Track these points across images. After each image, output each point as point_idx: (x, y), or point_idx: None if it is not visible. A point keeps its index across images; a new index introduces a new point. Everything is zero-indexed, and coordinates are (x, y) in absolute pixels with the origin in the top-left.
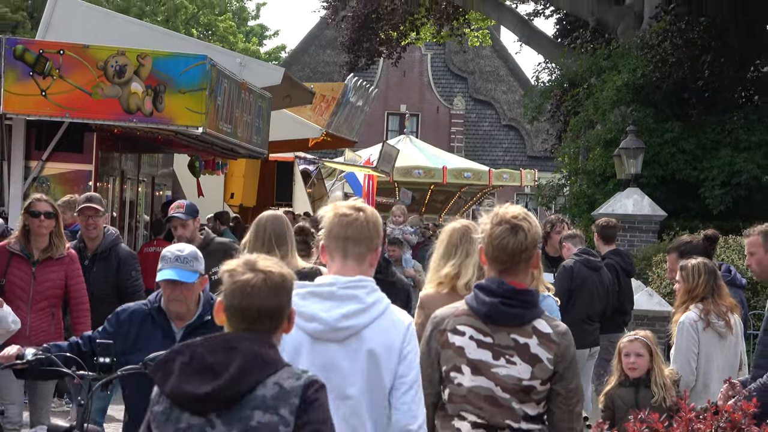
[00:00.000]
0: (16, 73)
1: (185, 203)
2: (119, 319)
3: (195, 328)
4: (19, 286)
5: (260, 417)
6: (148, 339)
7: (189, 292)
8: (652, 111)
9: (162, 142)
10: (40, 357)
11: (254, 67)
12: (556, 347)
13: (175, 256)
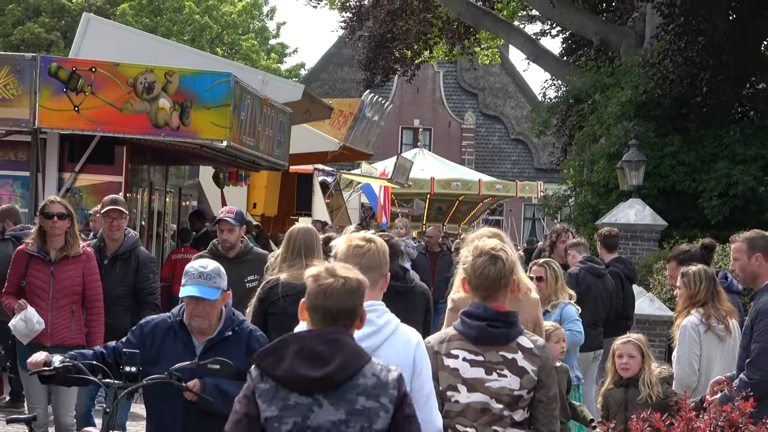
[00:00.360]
0: (50, 90)
1: (235, 210)
2: (143, 331)
3: (216, 343)
4: (38, 286)
5: (364, 402)
6: (169, 352)
7: (211, 308)
8: (653, 126)
9: (188, 155)
10: (66, 364)
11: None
12: (539, 360)
13: (198, 273)
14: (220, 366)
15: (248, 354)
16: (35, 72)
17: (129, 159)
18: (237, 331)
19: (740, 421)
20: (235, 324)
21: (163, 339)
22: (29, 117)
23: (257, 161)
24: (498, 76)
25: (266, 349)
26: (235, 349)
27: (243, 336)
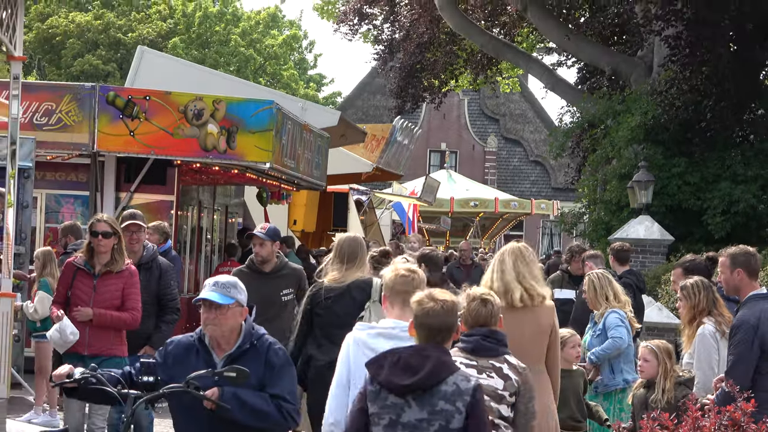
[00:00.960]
0: (108, 116)
1: (269, 226)
2: (167, 349)
3: (235, 358)
4: (81, 297)
5: (443, 405)
6: (190, 368)
7: (223, 316)
8: (661, 149)
9: (234, 176)
10: (87, 376)
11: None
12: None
13: (214, 282)
14: (237, 374)
15: (267, 367)
16: (94, 100)
17: (180, 180)
18: (256, 345)
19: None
20: (254, 338)
21: (185, 356)
22: (89, 141)
23: (297, 181)
24: (518, 103)
25: (373, 358)
26: (254, 362)
27: (262, 349)
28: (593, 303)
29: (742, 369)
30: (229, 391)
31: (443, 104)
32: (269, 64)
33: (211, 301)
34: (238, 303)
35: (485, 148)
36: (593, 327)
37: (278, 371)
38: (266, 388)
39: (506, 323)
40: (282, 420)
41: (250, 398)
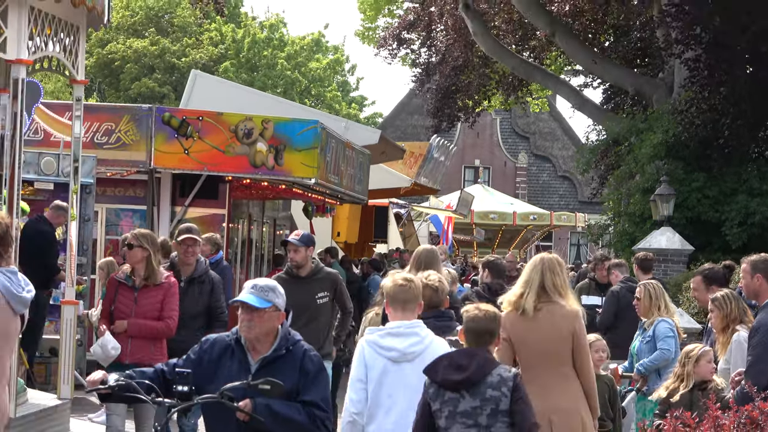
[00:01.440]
0: (164, 136)
1: (302, 233)
2: (202, 347)
3: (269, 362)
4: (122, 310)
5: (491, 393)
6: (225, 369)
7: (260, 319)
8: (682, 164)
9: (282, 191)
10: (121, 383)
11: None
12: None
13: (252, 285)
14: (271, 386)
15: (302, 373)
16: (151, 120)
17: (231, 194)
18: (291, 351)
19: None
20: (290, 343)
21: (220, 356)
22: (146, 159)
23: (341, 196)
24: (547, 122)
25: (430, 364)
26: (289, 368)
27: (297, 355)
28: (646, 311)
29: (760, 369)
30: (261, 402)
31: (477, 123)
32: (314, 86)
33: (248, 303)
34: (275, 307)
35: (516, 164)
36: (642, 334)
37: (313, 378)
38: (300, 395)
39: (528, 329)
40: (314, 429)
41: (283, 409)
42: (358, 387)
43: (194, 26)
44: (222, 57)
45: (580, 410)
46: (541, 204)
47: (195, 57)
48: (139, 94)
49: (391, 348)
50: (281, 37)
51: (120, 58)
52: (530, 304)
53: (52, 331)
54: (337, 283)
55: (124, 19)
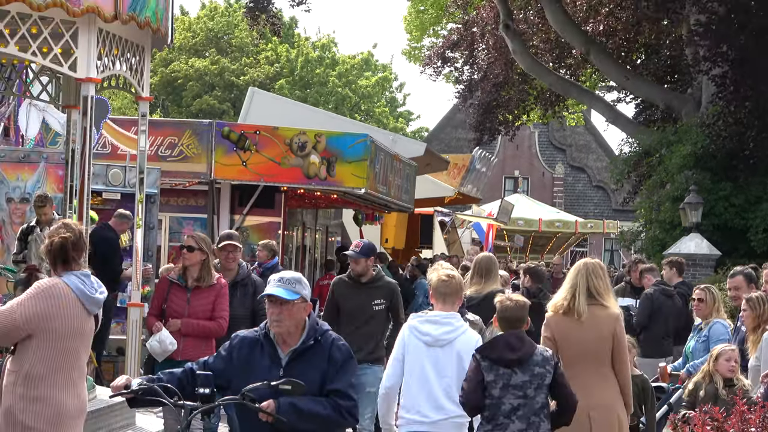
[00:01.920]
0: (223, 149)
1: (363, 243)
2: (231, 344)
3: (300, 353)
4: (176, 310)
5: (538, 369)
6: (256, 363)
7: (288, 312)
8: (709, 174)
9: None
10: (143, 387)
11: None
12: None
13: (279, 278)
14: (292, 386)
15: (330, 363)
16: (211, 135)
17: (286, 203)
18: (320, 341)
19: None
20: (318, 333)
21: (250, 351)
22: (207, 170)
23: (389, 205)
24: (582, 135)
25: (485, 344)
26: (318, 357)
27: (326, 345)
28: (707, 313)
29: None
30: (285, 401)
31: (516, 136)
32: (363, 102)
33: (277, 296)
34: (303, 298)
35: (553, 174)
36: (698, 334)
37: (340, 366)
38: (327, 384)
39: (573, 330)
40: (341, 420)
41: (308, 405)
42: (394, 364)
43: (251, 47)
44: (277, 75)
45: (616, 407)
46: (576, 212)
47: (252, 75)
48: (200, 110)
49: (426, 333)
50: (332, 56)
51: (182, 76)
52: (583, 307)
53: (119, 331)
54: (395, 293)
55: (186, 40)
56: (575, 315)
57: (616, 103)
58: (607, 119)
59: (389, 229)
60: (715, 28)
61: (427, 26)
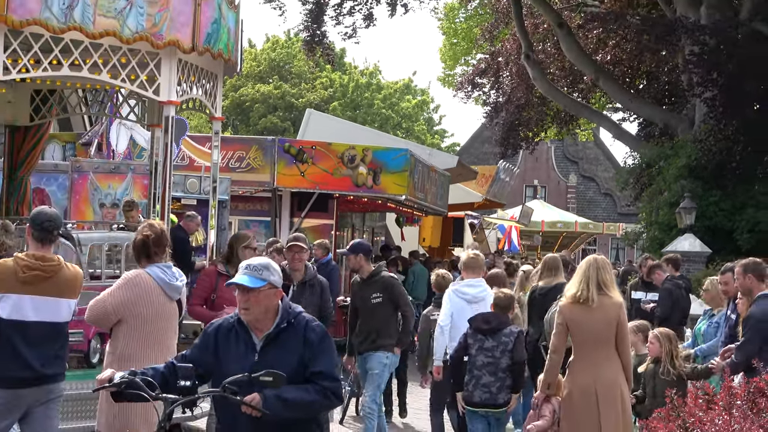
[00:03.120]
0: (284, 161)
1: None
2: (207, 333)
3: (273, 338)
4: (227, 299)
5: (504, 339)
6: (231, 350)
7: (256, 299)
8: (701, 183)
9: (378, 205)
10: (125, 380)
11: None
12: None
13: (246, 265)
14: (273, 378)
15: (306, 345)
16: (274, 149)
17: (338, 208)
18: (293, 323)
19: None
20: (291, 316)
21: (225, 339)
22: (270, 180)
23: (425, 209)
24: (592, 149)
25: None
26: (293, 340)
27: (299, 327)
28: (716, 302)
29: (748, 348)
30: (270, 394)
31: (535, 150)
32: (404, 122)
33: (242, 285)
34: (270, 284)
35: (567, 183)
36: (709, 319)
37: (318, 348)
38: (309, 367)
39: (585, 316)
40: (327, 402)
41: (293, 394)
42: (447, 314)
43: (308, 74)
44: (331, 98)
45: (620, 383)
46: (587, 216)
47: (309, 98)
48: (264, 129)
49: (466, 293)
50: (378, 82)
51: (249, 99)
52: (594, 295)
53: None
54: (391, 286)
55: (252, 69)
56: (588, 303)
57: (621, 122)
58: (613, 136)
59: (426, 230)
60: (706, 57)
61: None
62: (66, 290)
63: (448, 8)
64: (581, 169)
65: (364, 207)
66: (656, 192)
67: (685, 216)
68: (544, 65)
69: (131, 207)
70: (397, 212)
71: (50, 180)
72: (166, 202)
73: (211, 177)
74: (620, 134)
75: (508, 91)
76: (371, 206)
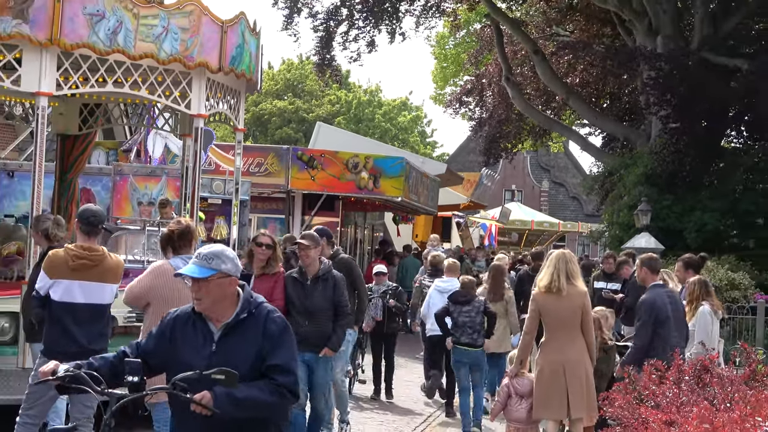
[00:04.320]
0: (297, 167)
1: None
2: (164, 322)
3: (232, 327)
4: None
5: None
6: (188, 340)
7: (207, 289)
8: (656, 189)
9: (378, 206)
10: (69, 374)
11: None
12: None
13: (197, 254)
14: (225, 376)
15: (265, 337)
16: (288, 156)
17: (343, 208)
18: (254, 314)
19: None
20: (252, 306)
21: (182, 328)
22: (285, 183)
23: (418, 209)
24: (562, 159)
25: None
26: (252, 331)
27: (260, 318)
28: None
29: (644, 331)
30: (221, 392)
31: (513, 159)
32: (401, 134)
33: (189, 276)
34: (221, 273)
35: (540, 188)
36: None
37: (277, 340)
38: (267, 359)
39: (555, 303)
40: (282, 401)
41: (245, 393)
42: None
43: (319, 92)
44: (337, 113)
45: (584, 361)
46: (557, 216)
47: (319, 113)
48: (280, 139)
49: (442, 288)
50: (378, 100)
51: (268, 113)
52: (563, 285)
53: None
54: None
55: (270, 87)
56: (557, 292)
57: (588, 136)
58: (581, 147)
59: (419, 227)
60: (661, 81)
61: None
62: (109, 276)
63: (440, 36)
64: (553, 176)
65: (366, 207)
66: (617, 196)
67: (641, 217)
68: (521, 86)
69: (165, 205)
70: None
71: (95, 181)
72: (195, 201)
73: (234, 180)
74: (587, 146)
75: (491, 108)
76: (372, 206)
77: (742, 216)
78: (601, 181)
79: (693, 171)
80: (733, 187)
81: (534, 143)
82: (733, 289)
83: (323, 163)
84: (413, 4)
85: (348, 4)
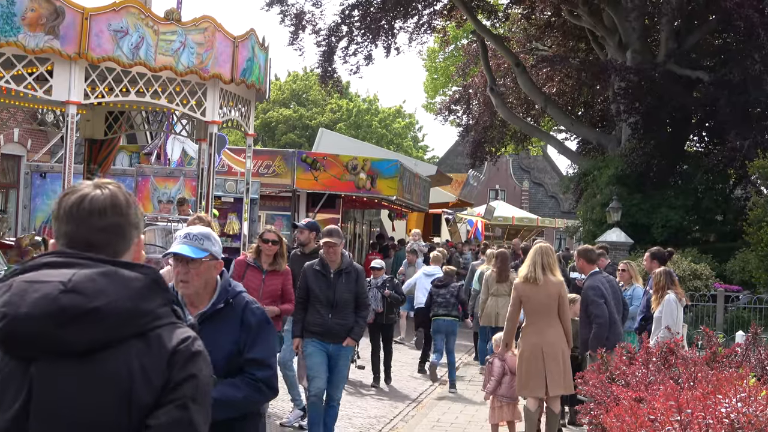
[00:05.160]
0: (302, 169)
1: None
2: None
3: (209, 317)
4: (253, 288)
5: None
6: None
7: (196, 271)
8: (626, 189)
9: (375, 204)
10: None
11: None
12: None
13: (185, 234)
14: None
15: (243, 328)
16: (294, 159)
17: (343, 206)
18: (231, 304)
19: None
20: (230, 295)
21: None
22: (291, 183)
23: (412, 207)
24: (541, 161)
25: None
26: (229, 322)
27: (238, 308)
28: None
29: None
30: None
31: (497, 162)
32: (395, 139)
33: (182, 255)
34: (211, 255)
35: (521, 188)
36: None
37: (255, 332)
38: (244, 352)
39: (533, 292)
40: (259, 397)
41: (220, 392)
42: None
43: (321, 101)
44: (338, 120)
45: (561, 345)
46: (537, 213)
47: (321, 120)
48: (286, 143)
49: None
50: (375, 108)
51: (275, 120)
52: (540, 276)
53: None
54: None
55: (277, 96)
56: (533, 282)
57: (565, 141)
58: (558, 151)
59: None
60: (631, 91)
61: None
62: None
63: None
64: (533, 176)
65: (364, 205)
66: (591, 195)
67: (613, 214)
68: (504, 96)
69: (183, 203)
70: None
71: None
72: (210, 200)
73: (245, 180)
74: (563, 150)
75: (477, 115)
76: (369, 204)
77: (703, 213)
78: (577, 181)
79: (659, 172)
80: (695, 187)
81: (516, 147)
82: (696, 279)
83: (325, 165)
84: (407, 21)
85: (348, 21)
